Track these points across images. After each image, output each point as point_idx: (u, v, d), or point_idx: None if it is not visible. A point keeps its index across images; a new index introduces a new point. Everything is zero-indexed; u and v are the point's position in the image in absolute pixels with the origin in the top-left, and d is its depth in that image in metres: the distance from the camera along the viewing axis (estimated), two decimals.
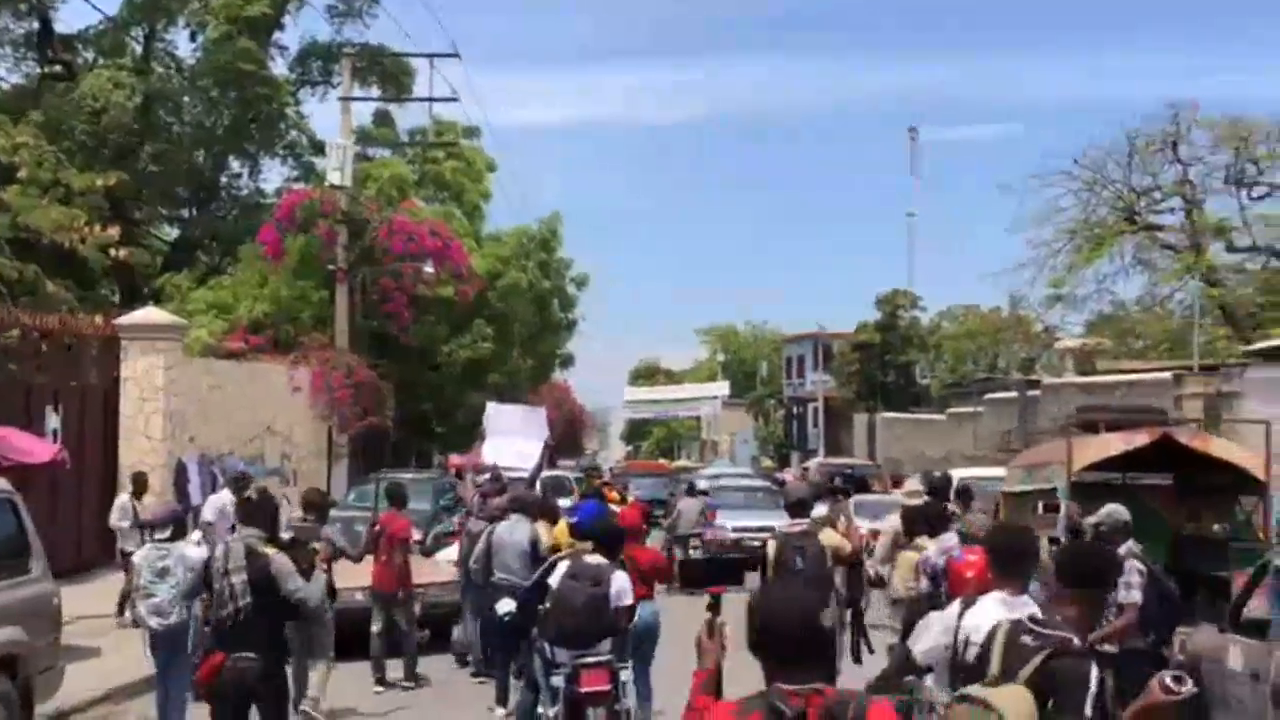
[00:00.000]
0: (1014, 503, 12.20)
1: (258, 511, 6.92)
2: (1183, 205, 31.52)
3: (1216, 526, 11.34)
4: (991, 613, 4.43)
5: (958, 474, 19.66)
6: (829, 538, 8.78)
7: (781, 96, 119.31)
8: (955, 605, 4.62)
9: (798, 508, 8.76)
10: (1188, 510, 11.22)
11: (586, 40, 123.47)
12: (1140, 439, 10.38)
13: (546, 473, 22.36)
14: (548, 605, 7.30)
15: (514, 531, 10.01)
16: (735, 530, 19.85)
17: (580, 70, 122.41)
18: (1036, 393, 31.61)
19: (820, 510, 10.25)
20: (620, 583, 7.38)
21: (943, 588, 7.20)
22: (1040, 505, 10.62)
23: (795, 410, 61.36)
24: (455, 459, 29.36)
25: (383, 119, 29.89)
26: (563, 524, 10.55)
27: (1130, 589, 7.16)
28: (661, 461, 57.26)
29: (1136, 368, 30.81)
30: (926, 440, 40.30)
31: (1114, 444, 10.42)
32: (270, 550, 6.55)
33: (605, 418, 74.08)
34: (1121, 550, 7.33)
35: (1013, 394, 33.23)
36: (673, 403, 58.81)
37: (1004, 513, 12.34)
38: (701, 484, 23.64)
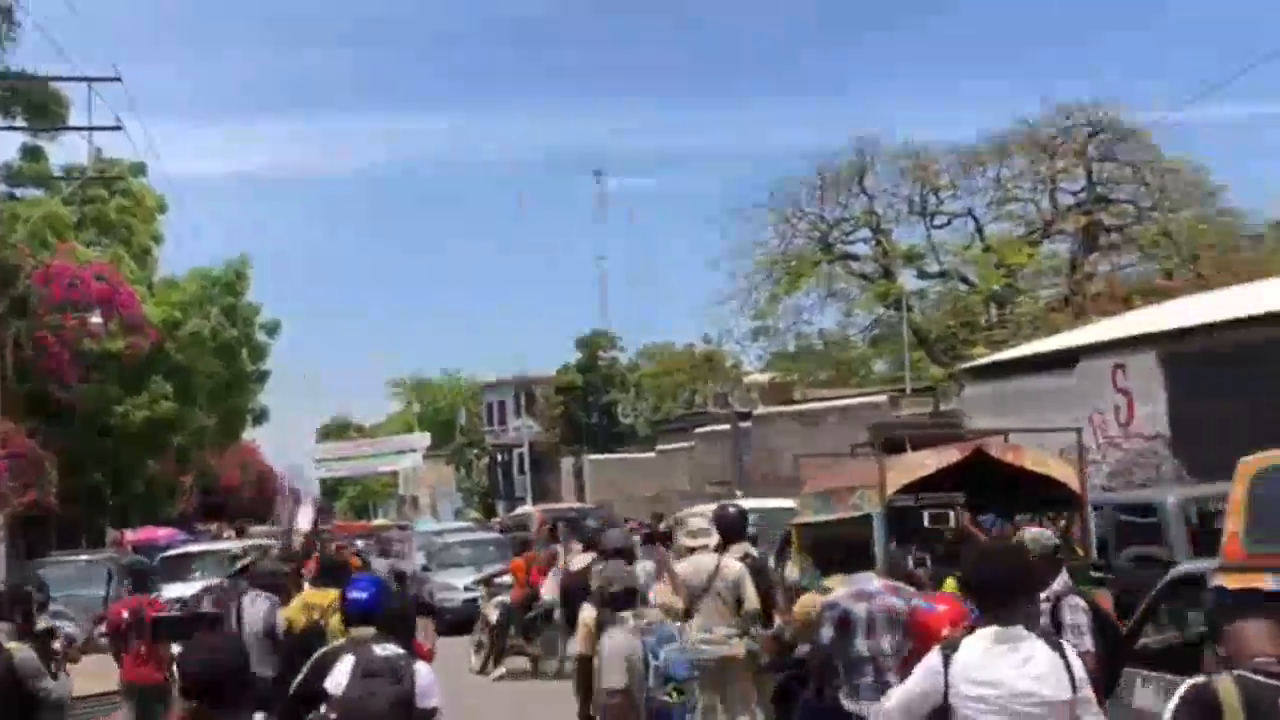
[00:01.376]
0: (806, 536, 11.02)
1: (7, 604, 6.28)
2: (871, 235, 32.56)
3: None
4: (996, 655, 3.50)
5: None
6: (662, 597, 7.40)
7: (465, 147, 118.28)
8: (934, 653, 3.89)
9: (617, 560, 7.12)
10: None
11: (257, 89, 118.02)
12: (953, 455, 9.49)
13: (243, 543, 20.01)
14: (331, 718, 5.59)
15: (250, 611, 8.02)
16: (468, 590, 18.13)
17: (252, 119, 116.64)
18: (748, 425, 31.64)
19: (646, 564, 8.67)
20: (426, 678, 5.79)
21: (887, 644, 5.98)
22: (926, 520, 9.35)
23: (499, 458, 59.96)
24: (129, 535, 26.20)
25: (33, 154, 26.56)
26: (310, 596, 8.27)
27: (1081, 634, 5.68)
28: (364, 522, 54.41)
29: (845, 394, 31.38)
30: (637, 479, 39.85)
31: (927, 462, 9.45)
32: (12, 644, 5.94)
33: (296, 478, 70.09)
34: (1058, 585, 5.93)
35: (725, 427, 33.19)
36: (370, 458, 55.99)
37: (797, 551, 11.10)
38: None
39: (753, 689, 8.87)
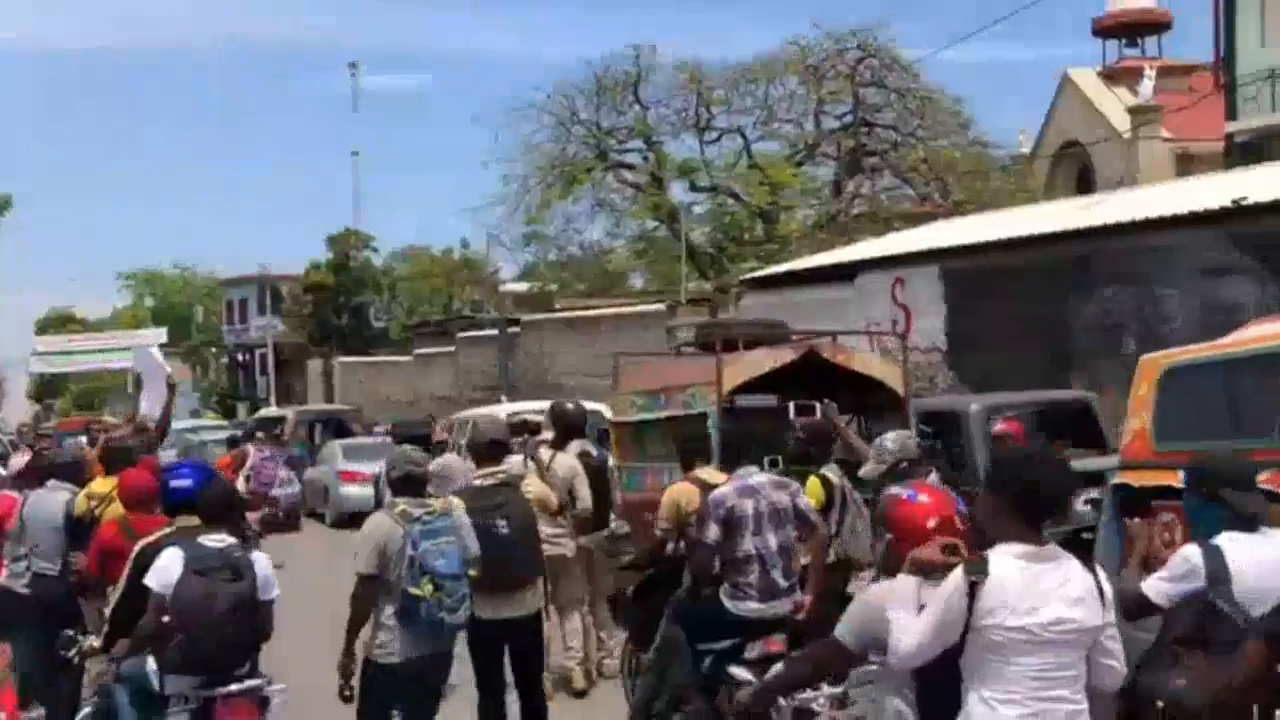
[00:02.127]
0: (629, 434, 11.02)
1: None
2: (645, 147, 32.56)
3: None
4: (1034, 578, 3.28)
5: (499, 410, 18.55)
6: (535, 489, 7.10)
7: (212, 31, 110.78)
8: (957, 578, 3.35)
9: (492, 451, 6.60)
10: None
11: None
12: (787, 355, 9.54)
13: None
14: (165, 619, 5.09)
15: (47, 501, 7.25)
16: None
17: None
18: (516, 330, 31.35)
19: (515, 458, 8.27)
20: (265, 568, 5.37)
21: (773, 541, 5.85)
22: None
23: (240, 358, 57.39)
24: None
25: None
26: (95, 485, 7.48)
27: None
28: (88, 418, 50.93)
29: (613, 303, 31.47)
30: (391, 384, 38.99)
31: (764, 362, 9.46)
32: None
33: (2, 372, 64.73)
34: None
35: (491, 332, 32.77)
36: (98, 353, 52.38)
37: (617, 448, 11.05)
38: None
39: (585, 589, 8.77)
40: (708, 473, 6.72)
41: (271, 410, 37.20)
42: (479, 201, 50.40)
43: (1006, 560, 3.35)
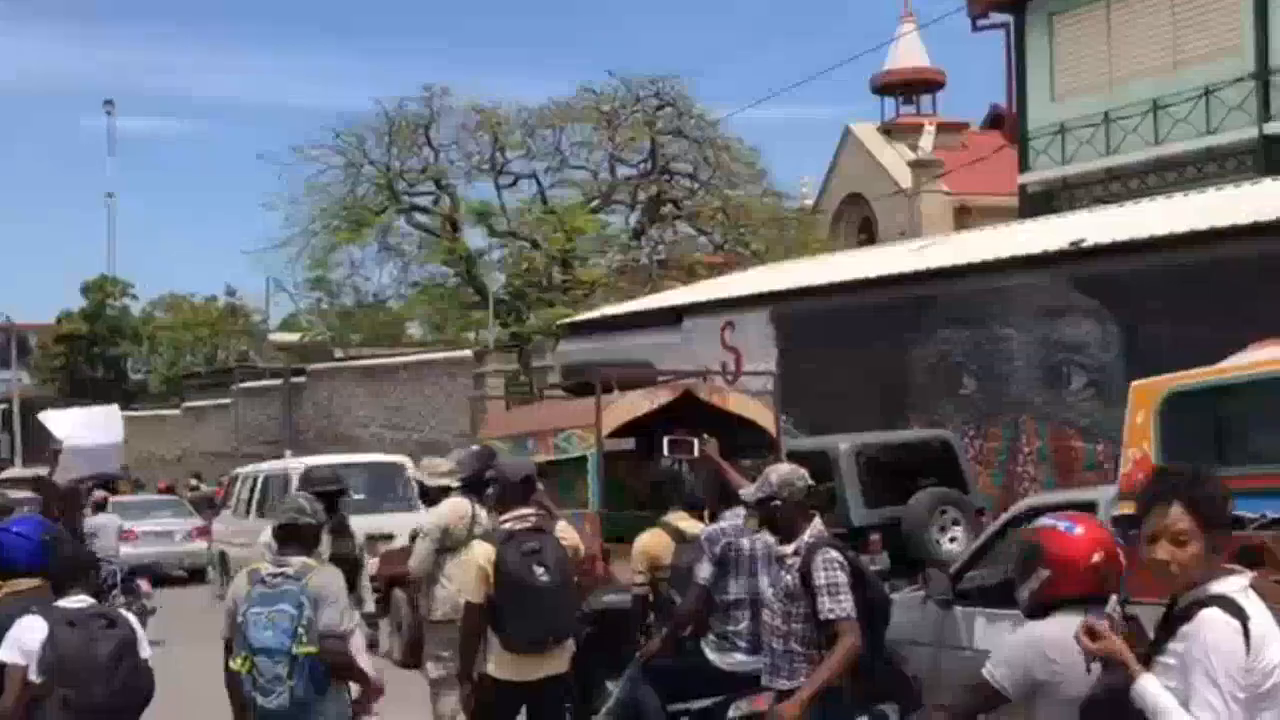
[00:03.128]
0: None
1: None
2: (436, 190, 31.70)
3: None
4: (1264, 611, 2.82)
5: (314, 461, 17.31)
6: (570, 536, 6.18)
7: None
8: (1226, 617, 2.86)
9: (525, 491, 5.47)
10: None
11: None
12: (664, 395, 9.17)
13: None
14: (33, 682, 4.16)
15: None
16: None
17: None
18: (302, 379, 29.79)
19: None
20: (136, 624, 4.51)
21: (765, 584, 5.20)
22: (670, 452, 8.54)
23: None
24: None
25: None
26: None
27: (838, 595, 4.57)
28: None
29: (406, 352, 30.35)
30: (156, 439, 36.49)
31: (641, 403, 9.07)
32: None
33: None
34: (809, 535, 4.80)
35: (274, 382, 31.04)
36: None
37: None
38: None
39: None
40: (679, 518, 6.10)
41: (16, 470, 34.09)
42: (251, 250, 47.93)
43: (1240, 594, 2.93)
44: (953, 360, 14.02)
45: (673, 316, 18.34)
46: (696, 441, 8.24)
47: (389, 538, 13.62)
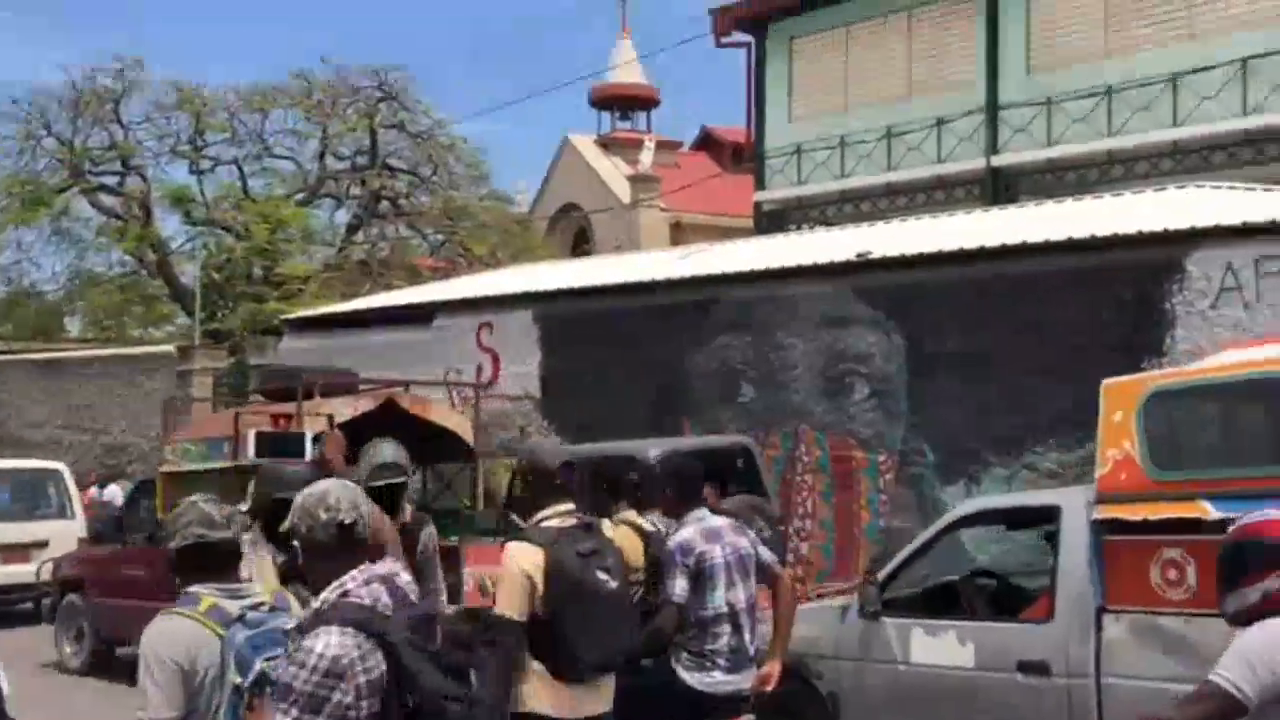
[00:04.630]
0: (179, 484, 9.84)
1: None
2: (124, 169, 29.08)
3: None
4: None
5: None
6: (627, 539, 5.11)
7: None
8: None
9: (562, 482, 4.45)
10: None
11: None
12: (368, 403, 9.40)
13: None
14: None
15: None
16: None
17: None
18: None
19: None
20: None
21: (742, 595, 4.46)
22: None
23: None
24: None
25: None
26: None
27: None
28: None
29: (80, 346, 27.54)
30: None
31: (344, 410, 9.14)
32: None
33: None
34: (329, 597, 3.72)
35: None
36: None
37: (161, 497, 10.33)
38: None
39: None
40: (634, 516, 5.39)
41: None
42: None
43: None
44: (732, 367, 13.85)
45: (422, 314, 17.34)
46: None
47: (43, 544, 14.48)
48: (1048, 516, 6.05)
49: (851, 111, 21.15)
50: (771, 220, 21.99)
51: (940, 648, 5.77)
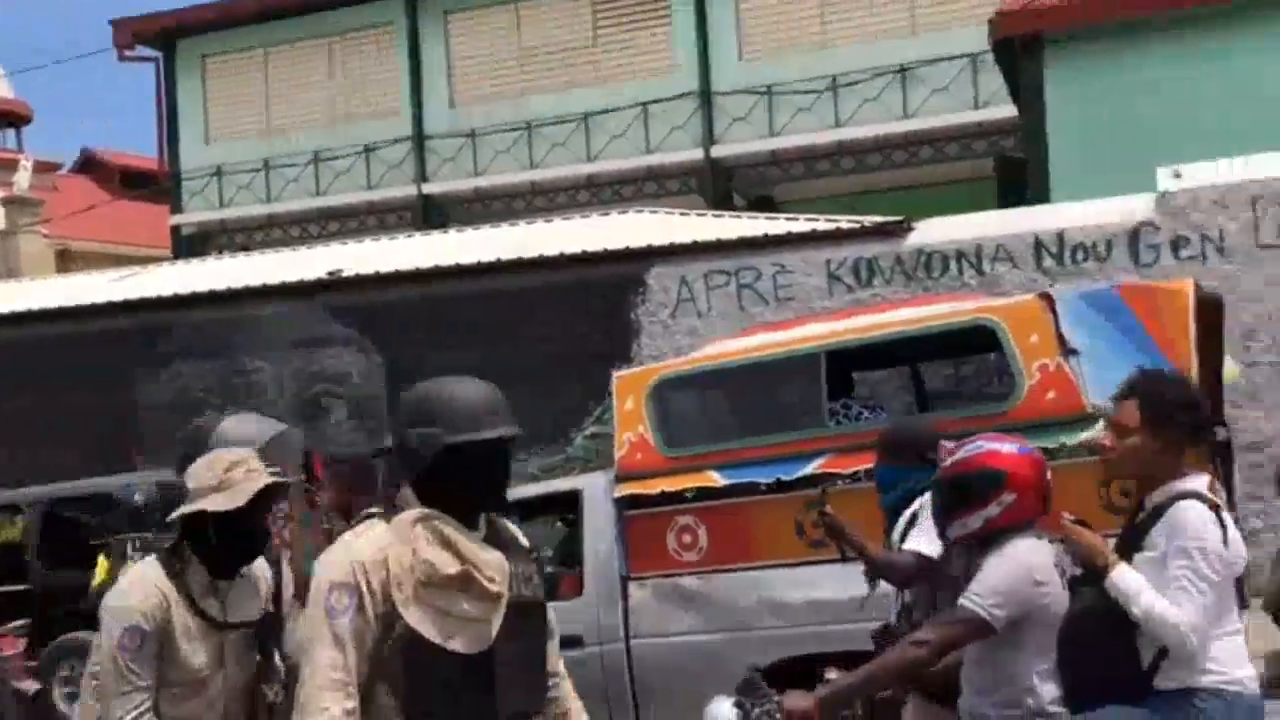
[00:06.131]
0: None
1: None
2: None
3: None
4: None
5: None
6: None
7: None
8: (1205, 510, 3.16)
9: None
10: None
11: None
12: None
13: None
14: None
15: None
16: None
17: None
18: None
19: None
20: None
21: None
22: None
23: None
24: None
25: None
26: None
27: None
28: None
29: None
30: None
31: None
32: None
33: None
34: None
35: None
36: None
37: None
38: None
39: None
40: None
41: None
42: None
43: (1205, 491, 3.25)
44: (193, 395, 13.02)
45: None
46: None
47: None
48: (570, 501, 6.52)
49: (276, 134, 20.69)
50: (192, 245, 20.87)
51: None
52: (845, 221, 11.45)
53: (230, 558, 3.24)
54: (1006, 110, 15.27)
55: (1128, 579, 3.15)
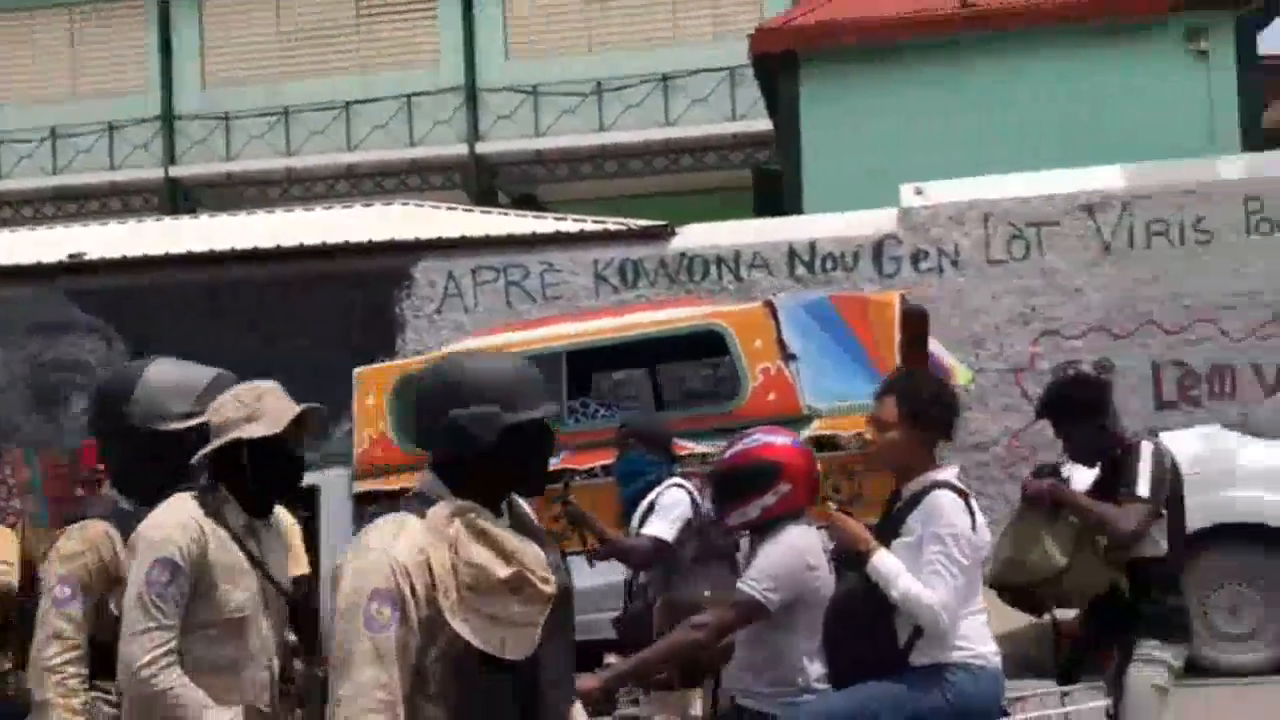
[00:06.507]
0: None
1: None
2: None
3: None
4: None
5: None
6: None
7: None
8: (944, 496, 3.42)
9: None
10: None
11: None
12: None
13: None
14: None
15: None
16: None
17: None
18: None
19: None
20: None
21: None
22: None
23: None
24: None
25: None
26: None
27: None
28: None
29: None
30: None
31: None
32: None
33: None
34: None
35: None
36: None
37: None
38: None
39: None
40: None
41: None
42: None
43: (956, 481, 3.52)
44: None
45: None
46: None
47: None
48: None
49: (7, 108, 19.37)
50: None
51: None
52: (612, 223, 11.65)
53: (270, 490, 3.10)
54: (763, 123, 15.88)
55: (887, 563, 3.39)
